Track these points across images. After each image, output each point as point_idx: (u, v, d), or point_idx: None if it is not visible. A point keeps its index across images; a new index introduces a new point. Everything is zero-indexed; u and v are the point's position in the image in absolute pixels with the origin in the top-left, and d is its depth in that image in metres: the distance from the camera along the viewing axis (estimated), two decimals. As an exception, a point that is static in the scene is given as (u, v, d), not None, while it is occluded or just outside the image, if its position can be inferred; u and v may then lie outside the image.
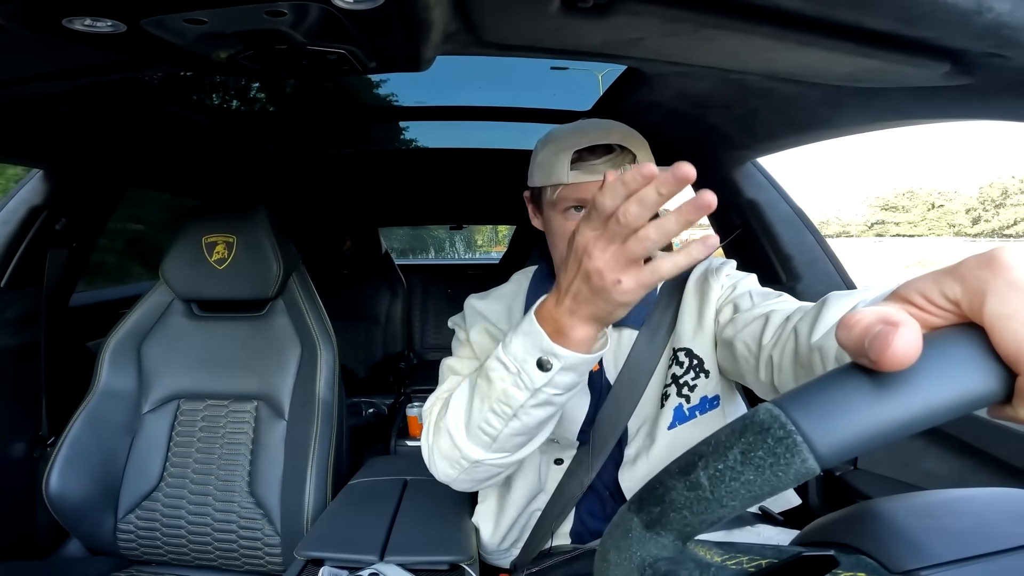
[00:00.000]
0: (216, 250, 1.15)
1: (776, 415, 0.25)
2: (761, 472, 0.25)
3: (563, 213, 0.79)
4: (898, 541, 0.29)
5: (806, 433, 0.25)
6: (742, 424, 0.27)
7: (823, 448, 0.24)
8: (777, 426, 0.25)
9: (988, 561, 0.26)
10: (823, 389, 0.26)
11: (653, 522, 0.29)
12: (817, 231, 1.32)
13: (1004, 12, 0.48)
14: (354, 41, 0.57)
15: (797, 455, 0.24)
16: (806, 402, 0.26)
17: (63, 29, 0.51)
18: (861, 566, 0.28)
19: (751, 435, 0.26)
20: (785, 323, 0.64)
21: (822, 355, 0.53)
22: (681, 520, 0.28)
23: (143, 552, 1.13)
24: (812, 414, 0.25)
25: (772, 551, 0.30)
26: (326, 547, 0.80)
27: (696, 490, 0.27)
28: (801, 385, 0.27)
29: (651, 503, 0.29)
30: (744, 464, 0.26)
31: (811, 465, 0.24)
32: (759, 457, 0.25)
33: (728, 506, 0.26)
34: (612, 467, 0.84)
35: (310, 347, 1.15)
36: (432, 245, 6.09)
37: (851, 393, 0.25)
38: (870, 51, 0.59)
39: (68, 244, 1.26)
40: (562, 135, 0.79)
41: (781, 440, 0.25)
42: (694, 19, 0.55)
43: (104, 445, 1.13)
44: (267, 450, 1.12)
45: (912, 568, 0.27)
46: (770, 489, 0.25)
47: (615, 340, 0.86)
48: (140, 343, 1.19)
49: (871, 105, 0.80)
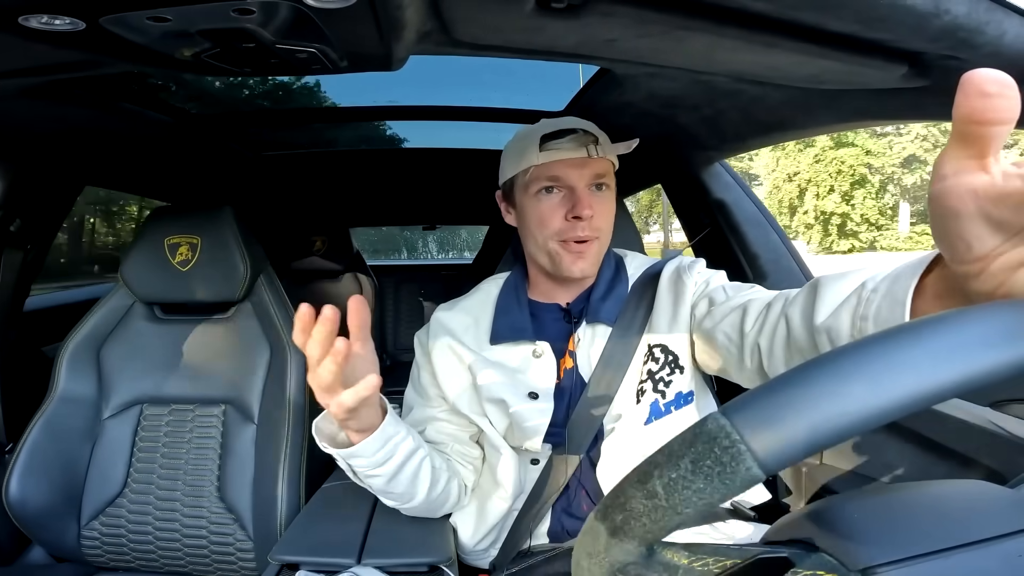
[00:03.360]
0: (179, 251, 1.12)
1: (722, 424, 0.26)
2: (710, 480, 0.26)
3: (535, 196, 0.84)
4: (856, 538, 0.29)
5: (748, 442, 0.25)
6: (692, 433, 0.27)
7: (765, 456, 0.25)
8: (723, 435, 0.26)
9: (944, 557, 0.27)
10: (765, 397, 0.27)
11: (617, 529, 0.29)
12: (781, 230, 1.35)
13: (960, 15, 0.50)
14: (325, 40, 0.57)
15: (742, 463, 0.25)
16: (749, 411, 0.26)
17: (19, 27, 0.49)
18: (821, 564, 0.29)
19: (700, 444, 0.27)
20: (767, 310, 0.67)
21: (831, 336, 0.54)
22: (642, 528, 0.28)
23: (109, 559, 1.10)
24: (754, 423, 0.26)
25: (736, 552, 0.31)
26: (301, 551, 0.79)
27: (653, 499, 0.28)
28: (747, 392, 0.28)
29: (614, 511, 0.30)
30: (695, 473, 0.26)
31: (755, 472, 0.25)
32: (707, 466, 0.26)
33: (683, 513, 0.27)
34: (589, 465, 0.85)
35: (279, 349, 1.13)
36: (404, 246, 6.04)
37: (790, 400, 0.26)
38: (832, 53, 0.61)
39: (23, 246, 1.21)
40: (528, 129, 0.86)
41: (727, 449, 0.26)
42: (665, 20, 0.56)
43: (64, 451, 1.09)
44: (236, 454, 1.09)
45: (870, 565, 0.27)
46: (720, 497, 0.26)
47: (589, 337, 0.86)
48: (99, 347, 1.16)
49: (833, 106, 0.83)
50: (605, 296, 0.88)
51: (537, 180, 0.83)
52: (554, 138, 0.81)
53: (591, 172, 0.83)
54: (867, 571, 0.27)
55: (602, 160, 0.83)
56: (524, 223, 0.88)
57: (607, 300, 0.88)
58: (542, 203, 0.84)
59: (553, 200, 0.83)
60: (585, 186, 0.82)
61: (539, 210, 0.84)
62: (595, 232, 0.83)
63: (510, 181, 0.89)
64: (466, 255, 4.46)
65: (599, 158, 0.82)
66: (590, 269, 0.85)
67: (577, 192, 0.82)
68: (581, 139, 0.81)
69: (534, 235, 0.86)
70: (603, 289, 0.89)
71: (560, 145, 0.81)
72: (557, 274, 0.86)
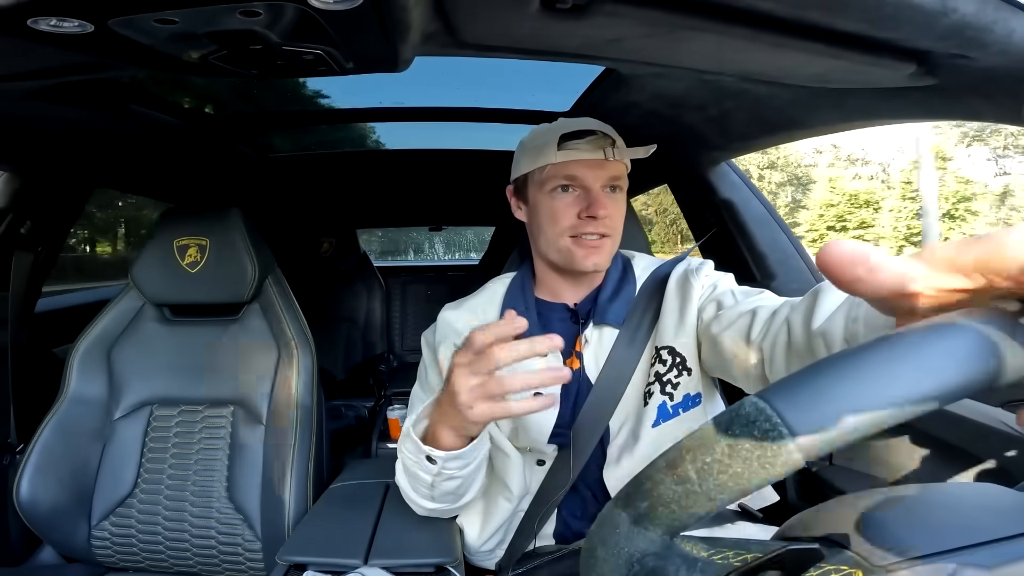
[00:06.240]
0: (188, 253, 1.13)
1: (761, 408, 0.26)
2: (749, 464, 0.25)
3: (550, 194, 0.85)
4: (879, 535, 0.29)
5: (791, 425, 0.25)
6: (728, 417, 0.27)
7: (806, 440, 0.25)
8: (763, 419, 0.25)
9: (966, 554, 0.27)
10: (806, 381, 0.26)
11: (640, 517, 0.29)
12: (789, 229, 1.34)
13: (968, 13, 0.49)
14: (331, 42, 0.57)
15: (783, 447, 0.25)
16: (791, 394, 0.26)
17: (28, 30, 0.50)
18: (842, 561, 0.29)
19: (737, 428, 0.26)
20: (772, 317, 0.68)
21: (826, 340, 0.54)
22: (669, 515, 0.28)
23: (119, 559, 1.10)
24: (796, 406, 0.25)
25: (757, 546, 0.31)
26: (309, 551, 0.79)
27: (684, 484, 0.27)
28: (786, 376, 0.27)
29: (638, 498, 0.29)
30: (731, 457, 0.26)
31: (796, 457, 0.25)
32: (746, 450, 0.26)
33: (716, 499, 0.26)
34: (594, 467, 0.84)
35: (287, 350, 1.14)
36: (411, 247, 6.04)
37: (835, 382, 0.25)
38: (839, 52, 0.60)
39: (34, 248, 1.22)
40: (546, 127, 0.87)
41: (767, 432, 0.25)
42: (670, 20, 0.56)
43: (74, 452, 1.10)
44: (245, 455, 1.10)
45: (892, 562, 0.27)
46: (759, 481, 0.26)
47: (596, 338, 0.86)
48: (110, 348, 1.16)
49: (840, 105, 0.82)
50: (613, 297, 0.88)
51: (554, 178, 0.84)
52: (573, 138, 0.82)
53: (607, 174, 0.83)
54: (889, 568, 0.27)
55: (618, 163, 0.84)
56: (536, 219, 0.88)
57: (615, 302, 0.88)
58: (556, 200, 0.84)
59: (568, 198, 0.84)
60: (601, 187, 0.83)
61: (553, 207, 0.84)
62: (608, 230, 0.84)
63: (523, 177, 0.89)
64: (472, 256, 4.47)
65: (615, 160, 0.83)
66: (603, 263, 0.86)
67: (593, 193, 0.82)
68: (599, 141, 0.82)
69: (545, 231, 0.86)
70: (610, 290, 0.89)
71: (579, 146, 0.82)
72: (569, 268, 0.86)
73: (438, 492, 0.75)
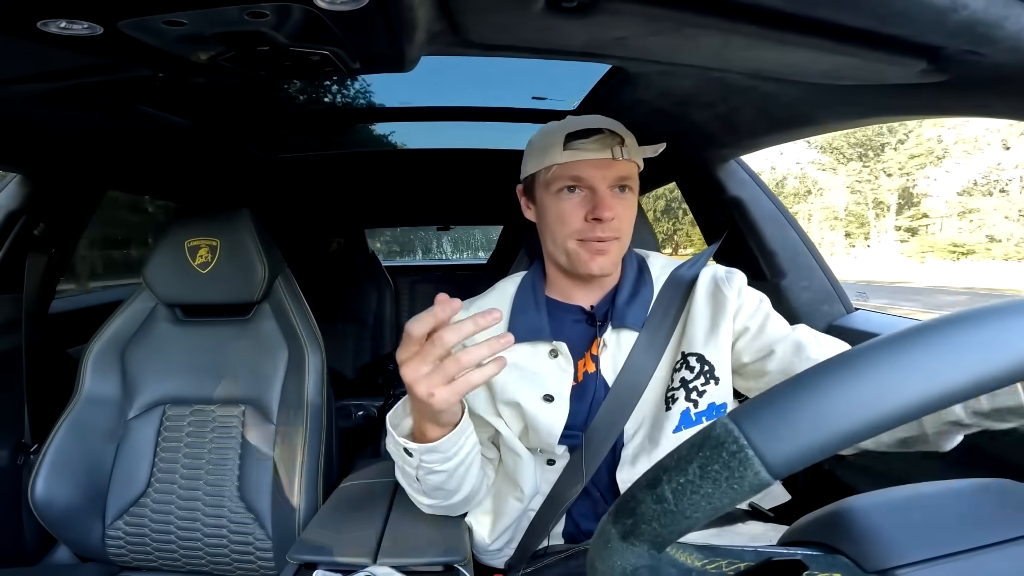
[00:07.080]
0: (199, 254, 1.14)
1: (730, 429, 0.26)
2: (718, 485, 0.26)
3: (556, 194, 0.84)
4: (873, 540, 0.29)
5: (757, 447, 0.25)
6: (700, 438, 0.27)
7: (773, 460, 0.25)
8: (731, 440, 0.26)
9: (961, 559, 0.27)
10: (772, 402, 0.27)
11: (628, 533, 0.29)
12: (799, 227, 1.33)
13: (979, 9, 0.48)
14: (338, 42, 0.57)
15: (750, 468, 0.25)
16: (757, 416, 0.26)
17: (38, 32, 0.50)
18: (837, 566, 0.29)
19: (708, 449, 0.27)
20: (795, 351, 0.73)
21: None
22: (651, 531, 0.28)
23: (133, 558, 1.12)
24: (762, 428, 0.26)
25: (751, 555, 0.31)
26: (319, 550, 0.80)
27: (662, 503, 0.28)
28: (754, 398, 0.28)
29: (624, 515, 0.30)
30: (703, 478, 0.26)
31: (764, 477, 0.25)
32: (715, 471, 0.26)
33: (692, 518, 0.27)
34: (606, 469, 0.84)
35: (297, 350, 1.14)
36: (419, 246, 6.06)
37: (799, 406, 0.26)
38: (848, 49, 0.60)
39: (47, 249, 1.24)
40: (554, 126, 0.85)
41: (735, 454, 0.26)
42: (676, 18, 0.56)
43: (89, 452, 1.11)
44: (256, 454, 1.11)
45: (887, 567, 0.27)
46: (728, 501, 0.26)
47: (615, 342, 0.85)
48: (123, 349, 1.18)
49: (850, 102, 0.82)
50: (631, 300, 0.87)
51: (559, 179, 0.82)
52: (579, 137, 0.80)
53: (615, 174, 0.81)
54: (885, 573, 0.27)
55: (627, 162, 0.82)
56: (544, 220, 0.87)
57: (633, 304, 0.86)
58: (563, 202, 0.83)
59: (574, 200, 0.82)
60: (607, 188, 0.81)
61: (559, 209, 0.83)
62: (615, 233, 0.82)
63: (531, 177, 0.88)
64: (480, 255, 4.47)
65: (624, 160, 0.81)
66: (610, 267, 0.84)
67: (599, 193, 0.81)
68: (607, 140, 0.80)
69: (553, 233, 0.85)
70: (628, 292, 0.88)
71: (585, 145, 0.80)
72: (575, 272, 0.85)
73: (427, 487, 0.76)
